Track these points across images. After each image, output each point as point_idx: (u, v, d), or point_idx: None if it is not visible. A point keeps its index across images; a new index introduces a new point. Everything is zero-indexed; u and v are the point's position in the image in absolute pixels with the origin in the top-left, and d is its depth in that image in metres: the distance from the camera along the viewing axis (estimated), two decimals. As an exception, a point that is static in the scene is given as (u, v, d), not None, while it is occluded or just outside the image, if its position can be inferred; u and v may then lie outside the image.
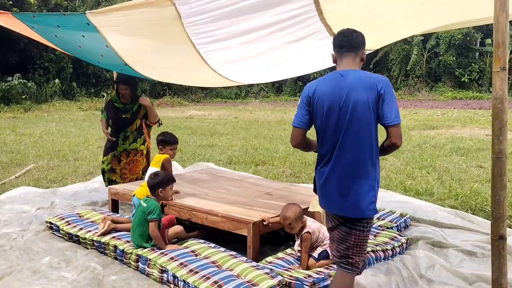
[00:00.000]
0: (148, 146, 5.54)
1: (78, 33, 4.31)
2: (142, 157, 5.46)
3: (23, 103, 20.35)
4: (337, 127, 2.46)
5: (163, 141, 4.36)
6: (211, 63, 4.45)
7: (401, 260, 3.67)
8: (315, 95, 2.54)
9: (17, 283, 3.26)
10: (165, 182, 3.74)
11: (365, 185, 2.46)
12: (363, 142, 2.45)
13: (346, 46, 2.58)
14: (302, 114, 2.62)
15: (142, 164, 5.47)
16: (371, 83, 2.44)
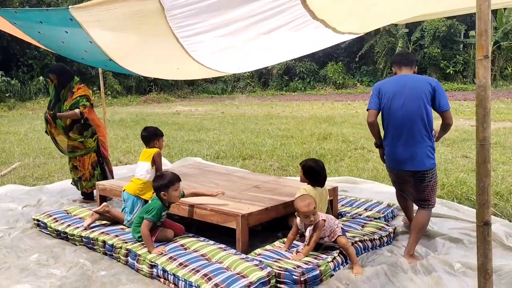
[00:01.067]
0: (100, 140, 5.33)
1: (61, 29, 4.25)
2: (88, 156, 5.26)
3: (6, 101, 20.07)
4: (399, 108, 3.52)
5: (155, 134, 4.31)
6: (195, 55, 4.43)
7: (388, 250, 3.71)
8: (383, 87, 3.64)
9: (5, 281, 3.23)
10: (167, 185, 3.63)
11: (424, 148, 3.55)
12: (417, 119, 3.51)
13: (404, 63, 3.74)
14: (374, 100, 3.66)
15: (90, 159, 5.26)
16: (425, 80, 3.58)
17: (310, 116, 14.93)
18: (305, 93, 28.69)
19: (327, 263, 3.24)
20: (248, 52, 4.51)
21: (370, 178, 6.28)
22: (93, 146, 5.27)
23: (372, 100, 3.66)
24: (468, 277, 3.13)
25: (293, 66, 30.15)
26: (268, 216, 3.81)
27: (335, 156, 7.93)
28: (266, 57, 4.83)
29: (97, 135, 5.34)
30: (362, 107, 17.94)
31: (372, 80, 29.19)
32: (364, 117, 14.00)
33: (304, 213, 3.33)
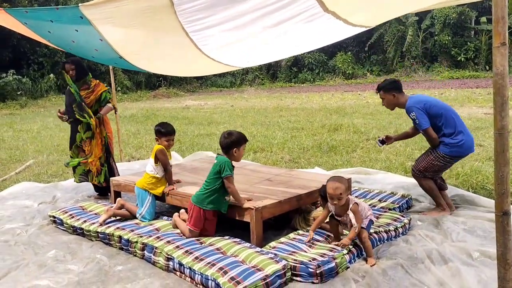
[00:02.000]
0: (108, 137, 5.36)
1: (71, 27, 4.26)
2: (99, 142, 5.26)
3: (18, 99, 20.28)
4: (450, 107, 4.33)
5: (158, 131, 4.31)
6: (205, 50, 4.42)
7: (404, 241, 3.69)
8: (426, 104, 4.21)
9: (24, 277, 3.27)
10: (239, 141, 3.66)
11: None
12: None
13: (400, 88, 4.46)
14: (425, 118, 4.19)
15: (101, 152, 5.25)
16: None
17: (320, 108, 14.86)
18: (314, 84, 28.56)
19: (342, 255, 3.23)
20: (258, 45, 4.48)
21: (383, 168, 6.24)
22: (104, 141, 5.29)
23: (424, 118, 4.18)
24: (486, 267, 3.10)
25: (302, 58, 29.98)
26: (281, 209, 3.80)
27: (346, 147, 7.89)
28: (277, 51, 4.79)
29: (106, 131, 5.36)
30: (372, 97, 17.80)
31: (382, 69, 28.94)
32: (375, 107, 13.92)
33: (329, 194, 3.32)
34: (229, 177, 3.61)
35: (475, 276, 2.98)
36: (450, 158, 4.23)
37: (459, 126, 4.21)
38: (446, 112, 4.21)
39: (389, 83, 4.43)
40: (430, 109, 4.19)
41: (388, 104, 4.44)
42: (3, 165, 7.54)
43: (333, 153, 7.51)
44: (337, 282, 3.00)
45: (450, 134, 4.18)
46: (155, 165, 4.23)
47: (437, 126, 4.23)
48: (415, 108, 4.19)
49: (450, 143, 4.18)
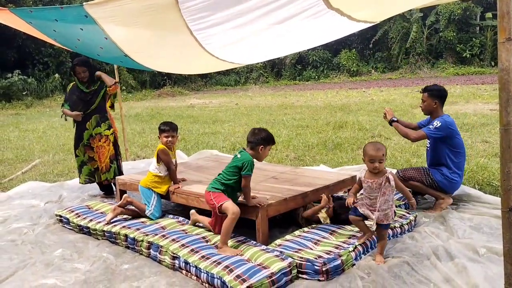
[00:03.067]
0: (115, 135, 5.42)
1: (76, 26, 4.28)
2: (107, 143, 5.28)
3: (24, 100, 20.38)
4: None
5: (158, 128, 4.34)
6: (209, 48, 4.42)
7: (410, 238, 3.68)
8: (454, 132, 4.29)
9: (31, 276, 3.30)
10: (268, 140, 3.59)
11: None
12: None
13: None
14: (438, 134, 4.24)
15: (109, 152, 5.28)
16: None
17: (324, 105, 14.83)
18: (318, 82, 28.51)
19: (348, 252, 3.23)
20: (262, 42, 4.48)
21: (388, 166, 6.21)
22: (112, 140, 5.33)
23: (438, 134, 4.25)
24: (492, 263, 3.09)
25: (306, 55, 29.94)
26: (287, 207, 3.80)
27: (352, 144, 7.88)
28: (281, 47, 4.79)
29: (113, 129, 5.40)
30: (377, 94, 17.75)
31: (387, 66, 28.83)
32: (379, 104, 13.88)
33: (371, 156, 3.16)
34: (249, 176, 3.53)
35: (481, 273, 2.97)
36: (436, 186, 4.32)
37: (462, 169, 4.37)
38: (462, 151, 4.34)
39: (438, 90, 4.38)
40: (452, 138, 4.26)
41: (425, 108, 4.43)
42: (9, 165, 7.59)
43: (338, 151, 7.49)
44: (343, 279, 3.00)
45: (452, 169, 4.28)
46: (158, 165, 4.24)
47: (445, 154, 4.29)
48: (444, 123, 4.20)
49: (447, 176, 4.29)
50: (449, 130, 4.21)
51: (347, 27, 4.15)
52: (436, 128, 4.20)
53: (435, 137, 4.24)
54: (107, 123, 5.34)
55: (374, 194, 3.22)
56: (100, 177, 5.28)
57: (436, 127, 4.20)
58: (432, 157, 4.44)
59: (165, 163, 4.25)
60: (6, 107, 19.07)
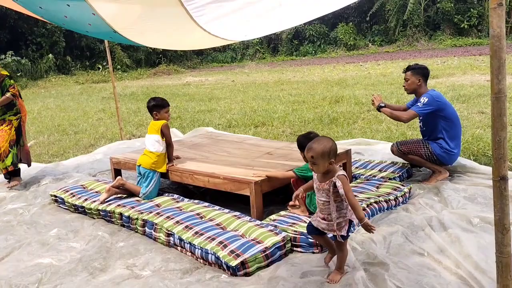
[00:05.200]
0: (22, 120, 5.21)
1: (62, 2, 4.17)
2: (9, 127, 5.07)
3: (18, 81, 20.14)
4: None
5: (156, 106, 4.24)
6: (200, 21, 4.32)
7: (404, 209, 3.69)
8: (442, 104, 4.27)
9: (26, 256, 3.31)
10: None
11: None
12: None
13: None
14: (427, 110, 4.22)
15: (9, 136, 5.06)
16: None
17: (321, 80, 14.72)
18: (315, 57, 28.23)
19: (342, 225, 3.23)
20: (254, 17, 4.39)
21: (384, 139, 6.21)
22: (15, 125, 5.13)
23: (427, 109, 4.22)
24: (485, 232, 3.11)
25: (303, 30, 29.55)
26: (281, 182, 3.79)
27: (348, 119, 7.84)
28: (275, 22, 4.69)
29: (20, 114, 5.19)
30: (374, 68, 17.60)
31: (384, 39, 28.51)
32: (376, 78, 13.79)
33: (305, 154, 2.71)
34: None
35: (475, 242, 2.99)
36: (436, 159, 4.33)
37: (459, 139, 4.36)
38: (456, 121, 4.33)
39: (420, 68, 4.42)
40: (442, 110, 4.24)
41: (409, 86, 4.42)
42: (4, 147, 7.55)
43: (334, 125, 7.47)
44: (337, 252, 3.01)
45: (450, 141, 4.29)
46: (162, 140, 4.19)
47: (439, 127, 4.30)
48: (431, 98, 4.20)
49: (445, 148, 4.29)
50: (437, 102, 4.20)
51: None
52: (424, 104, 4.19)
53: (426, 113, 4.21)
54: (15, 109, 5.12)
55: (322, 199, 2.68)
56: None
57: (424, 103, 4.19)
58: (427, 132, 4.43)
59: (168, 139, 4.21)
60: (0, 89, 18.90)
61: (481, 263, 2.70)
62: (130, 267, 3.08)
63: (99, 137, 7.91)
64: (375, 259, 2.88)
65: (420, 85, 4.36)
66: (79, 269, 3.08)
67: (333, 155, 2.60)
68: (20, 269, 3.11)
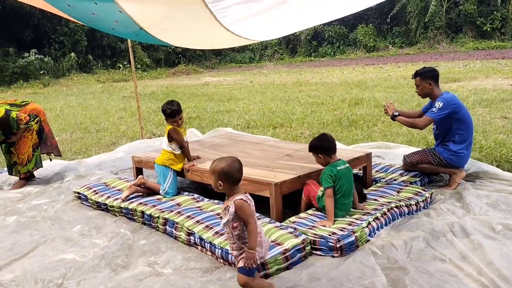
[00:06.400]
0: (41, 121, 5.26)
1: (90, 0, 4.27)
2: (30, 132, 5.13)
3: (41, 79, 20.60)
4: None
5: (164, 113, 4.26)
6: (224, 21, 4.36)
7: (425, 215, 3.66)
8: (457, 107, 4.22)
9: (51, 251, 3.39)
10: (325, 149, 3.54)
11: None
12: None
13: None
14: (442, 114, 4.18)
15: (31, 141, 5.15)
16: None
17: (340, 82, 14.66)
18: (334, 58, 28.13)
19: (362, 228, 3.23)
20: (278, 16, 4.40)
21: (405, 142, 6.16)
22: (36, 128, 5.19)
23: (442, 113, 4.17)
24: (509, 240, 3.08)
25: (322, 31, 29.46)
26: (301, 184, 3.80)
27: (367, 121, 7.80)
28: (298, 22, 4.71)
29: (38, 117, 5.24)
30: (394, 70, 17.46)
31: (405, 41, 28.23)
32: (397, 80, 13.67)
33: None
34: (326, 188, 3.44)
35: (497, 249, 2.95)
36: (445, 162, 4.29)
37: (470, 141, 4.30)
38: (469, 123, 4.27)
39: (428, 71, 4.36)
40: (457, 113, 4.19)
41: (421, 91, 4.40)
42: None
43: (354, 128, 7.43)
44: (357, 256, 3.01)
45: (458, 143, 4.24)
46: (170, 144, 4.26)
47: (452, 129, 4.26)
48: (446, 101, 4.16)
49: (453, 150, 4.25)
50: (452, 106, 4.16)
51: None
52: (439, 108, 4.16)
53: (441, 117, 4.18)
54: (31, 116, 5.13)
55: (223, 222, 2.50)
56: (18, 171, 5.13)
57: (439, 108, 4.16)
58: (440, 135, 4.40)
59: (178, 142, 4.26)
60: (24, 86, 19.30)
61: (504, 271, 2.67)
62: (151, 265, 3.13)
63: (120, 135, 8.03)
64: (396, 264, 2.87)
65: (431, 88, 4.32)
66: (102, 265, 3.14)
67: (224, 177, 2.44)
68: (45, 264, 3.18)
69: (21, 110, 5.10)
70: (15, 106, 5.12)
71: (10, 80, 20.03)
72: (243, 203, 2.41)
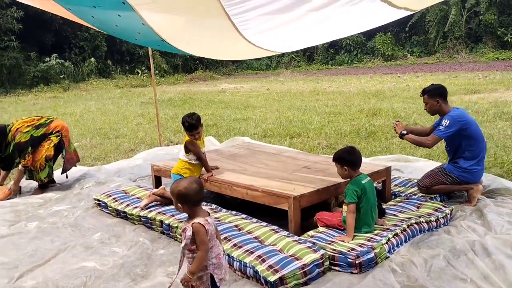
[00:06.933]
0: (62, 135, 5.40)
1: (114, 12, 4.35)
2: (48, 143, 5.28)
3: (61, 83, 20.97)
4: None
5: (183, 125, 4.32)
6: (245, 34, 4.41)
7: (446, 232, 3.62)
8: (465, 123, 4.18)
9: (72, 258, 3.44)
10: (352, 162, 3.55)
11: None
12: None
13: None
14: (450, 131, 4.17)
15: (46, 151, 5.23)
16: None
17: (358, 91, 14.60)
18: (351, 66, 28.04)
19: (381, 245, 3.21)
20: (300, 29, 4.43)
21: (424, 156, 6.10)
22: (55, 141, 5.32)
23: (449, 131, 4.15)
24: (531, 262, 3.01)
25: (339, 39, 29.37)
26: (319, 198, 3.80)
27: (386, 133, 7.75)
28: (317, 35, 4.73)
29: (60, 132, 5.38)
30: (412, 80, 17.33)
31: (423, 50, 28.01)
32: (415, 91, 13.56)
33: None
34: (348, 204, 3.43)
35: (520, 270, 2.90)
36: (458, 180, 4.25)
37: (482, 156, 4.24)
38: (478, 138, 4.22)
39: (435, 89, 4.35)
40: (465, 130, 4.16)
41: (430, 109, 4.38)
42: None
43: (372, 139, 7.39)
44: (376, 273, 2.99)
45: (469, 159, 4.20)
46: (187, 155, 4.29)
47: (462, 146, 4.23)
48: (452, 119, 4.15)
49: (463, 167, 4.21)
50: (459, 123, 4.13)
51: (386, 14, 4.06)
52: (446, 126, 4.14)
53: (449, 135, 4.16)
54: (56, 133, 5.35)
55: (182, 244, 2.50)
56: (36, 178, 5.27)
57: (446, 126, 4.14)
58: (451, 151, 4.38)
59: (195, 154, 4.29)
60: (44, 90, 19.67)
61: (527, 294, 2.62)
62: (170, 275, 3.15)
63: (139, 142, 8.12)
64: (416, 282, 2.85)
65: (440, 105, 4.29)
66: (122, 274, 3.18)
67: (183, 199, 2.47)
68: (65, 272, 3.23)
69: (46, 129, 5.29)
70: (41, 127, 5.28)
71: (31, 83, 20.45)
72: (199, 228, 2.41)
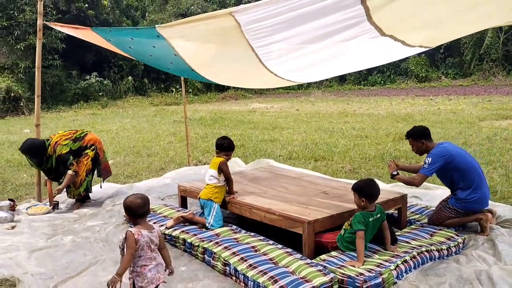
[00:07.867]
0: (97, 148, 5.77)
1: (149, 43, 4.76)
2: (86, 158, 5.66)
3: (100, 100, 21.92)
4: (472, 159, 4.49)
5: (219, 146, 4.64)
6: (268, 65, 4.70)
7: (455, 260, 3.72)
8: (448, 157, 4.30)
9: (101, 272, 3.74)
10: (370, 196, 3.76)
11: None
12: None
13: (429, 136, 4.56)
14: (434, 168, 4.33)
15: (85, 166, 5.63)
16: None
17: (387, 114, 14.62)
18: (384, 87, 27.92)
19: (390, 271, 3.35)
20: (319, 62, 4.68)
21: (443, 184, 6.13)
22: (91, 155, 5.71)
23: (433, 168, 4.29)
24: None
25: (372, 60, 29.36)
26: (333, 223, 3.97)
27: (410, 158, 7.81)
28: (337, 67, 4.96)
29: (95, 146, 5.77)
30: (444, 103, 17.17)
31: (458, 72, 27.62)
32: (445, 115, 13.46)
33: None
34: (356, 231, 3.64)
35: (523, 303, 2.98)
36: (463, 211, 4.35)
37: (477, 183, 4.29)
38: (467, 168, 4.30)
39: (417, 131, 4.56)
40: (451, 162, 4.28)
41: (417, 150, 4.58)
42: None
43: (395, 164, 7.45)
44: (382, 298, 3.14)
45: (465, 189, 4.31)
46: (218, 176, 4.56)
47: (454, 178, 4.37)
48: (434, 156, 4.30)
49: (462, 198, 4.32)
50: (443, 158, 4.26)
51: (403, 51, 4.26)
52: (429, 164, 4.28)
53: (434, 172, 4.32)
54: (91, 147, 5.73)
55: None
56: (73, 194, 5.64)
57: (429, 163, 4.29)
58: (448, 185, 4.54)
59: (226, 175, 4.55)
60: (84, 107, 20.62)
61: (527, 325, 2.71)
62: (189, 291, 3.40)
63: (169, 161, 8.49)
64: (419, 309, 2.97)
65: (425, 145, 4.46)
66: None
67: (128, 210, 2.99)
68: (95, 284, 3.54)
69: (81, 143, 5.70)
70: (77, 141, 5.71)
71: (72, 100, 21.49)
72: (130, 235, 2.86)
